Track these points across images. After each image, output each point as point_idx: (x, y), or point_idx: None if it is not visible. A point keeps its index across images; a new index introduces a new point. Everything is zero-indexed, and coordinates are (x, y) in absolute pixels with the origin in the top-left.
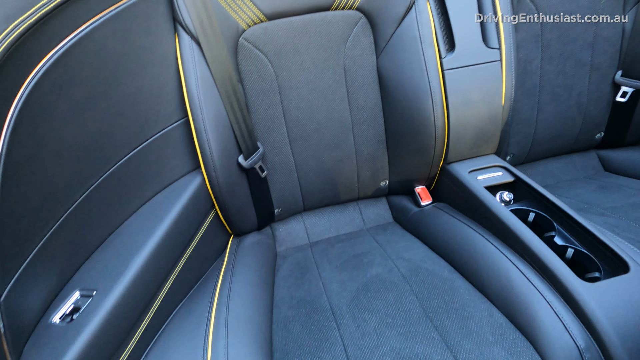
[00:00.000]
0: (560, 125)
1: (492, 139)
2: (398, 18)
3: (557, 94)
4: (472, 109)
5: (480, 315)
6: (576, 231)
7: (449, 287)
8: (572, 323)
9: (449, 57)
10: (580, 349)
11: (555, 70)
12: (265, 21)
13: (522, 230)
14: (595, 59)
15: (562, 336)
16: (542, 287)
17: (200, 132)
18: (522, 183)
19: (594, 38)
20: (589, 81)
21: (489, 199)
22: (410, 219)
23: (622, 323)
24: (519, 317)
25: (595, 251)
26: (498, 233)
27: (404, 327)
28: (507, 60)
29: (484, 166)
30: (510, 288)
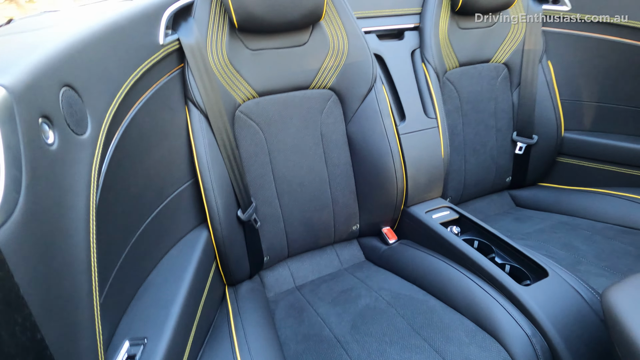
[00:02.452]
0: (481, 173)
1: (438, 186)
2: (362, 96)
3: (476, 150)
4: (422, 163)
5: (455, 324)
6: (509, 251)
7: (426, 306)
8: (520, 318)
9: (402, 125)
10: (529, 336)
11: (473, 132)
12: (257, 97)
13: (474, 254)
14: (498, 124)
15: (515, 329)
16: (496, 295)
17: (209, 191)
18: (465, 219)
19: (495, 109)
20: (496, 139)
21: (445, 233)
22: (382, 256)
23: (551, 311)
24: (484, 320)
25: (524, 265)
26: (456, 258)
27: (400, 342)
28: (442, 126)
29: (435, 207)
30: (473, 299)
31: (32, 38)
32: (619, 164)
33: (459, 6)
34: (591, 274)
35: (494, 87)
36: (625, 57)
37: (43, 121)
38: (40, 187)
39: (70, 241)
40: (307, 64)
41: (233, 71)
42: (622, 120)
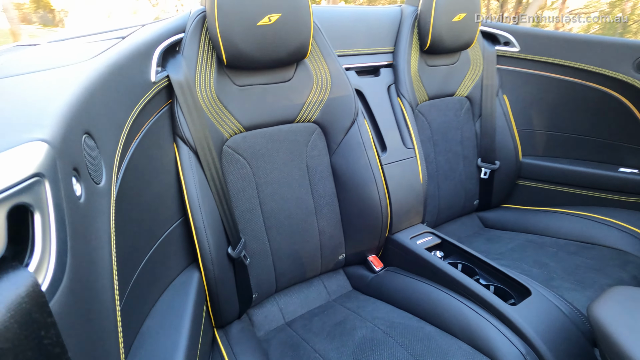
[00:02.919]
0: (452, 197)
1: (419, 212)
2: (345, 128)
3: (447, 176)
4: (404, 191)
5: (453, 349)
6: (491, 272)
7: (422, 333)
8: (513, 337)
9: (384, 155)
10: (524, 354)
11: (444, 160)
12: (244, 131)
13: (462, 277)
14: (465, 151)
15: (510, 348)
16: (487, 316)
17: (200, 229)
18: (447, 243)
19: (462, 137)
20: (464, 166)
21: (432, 258)
22: (370, 284)
23: (540, 328)
24: (479, 342)
25: (506, 284)
26: (444, 282)
27: None
28: (419, 155)
29: (418, 233)
30: (467, 322)
31: (47, 82)
32: (572, 185)
33: (427, 46)
34: (564, 289)
35: (459, 118)
36: (566, 92)
37: (73, 174)
38: (78, 246)
39: (101, 299)
40: (292, 99)
41: (221, 106)
42: (569, 147)
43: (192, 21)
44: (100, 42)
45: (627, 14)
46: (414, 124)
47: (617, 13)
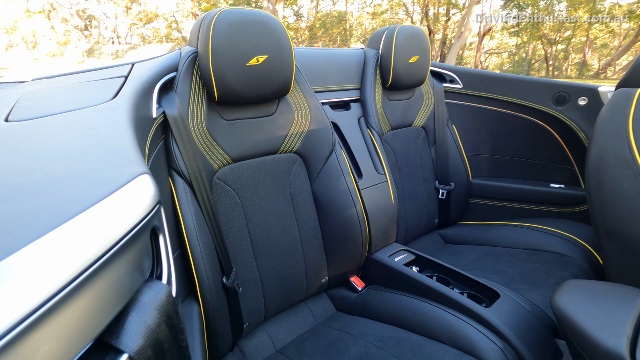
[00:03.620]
0: (416, 217)
1: (393, 231)
2: (324, 158)
3: (411, 197)
4: (380, 212)
5: (442, 354)
6: (463, 281)
7: (411, 343)
8: (492, 336)
9: (360, 181)
10: (502, 349)
11: (408, 183)
12: (232, 163)
13: (440, 287)
14: (424, 175)
15: (490, 345)
16: (466, 319)
17: (199, 260)
18: (421, 258)
19: (421, 163)
20: (424, 188)
21: (410, 272)
22: (354, 304)
23: (512, 325)
24: (463, 344)
25: (477, 290)
26: (424, 293)
27: None
28: (389, 179)
29: (395, 251)
30: (450, 327)
31: (92, 120)
32: (515, 200)
33: (389, 83)
34: (523, 290)
35: (417, 145)
36: (503, 121)
37: None
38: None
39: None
40: (275, 131)
41: (211, 140)
42: (510, 168)
43: (185, 61)
44: (104, 80)
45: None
46: (383, 152)
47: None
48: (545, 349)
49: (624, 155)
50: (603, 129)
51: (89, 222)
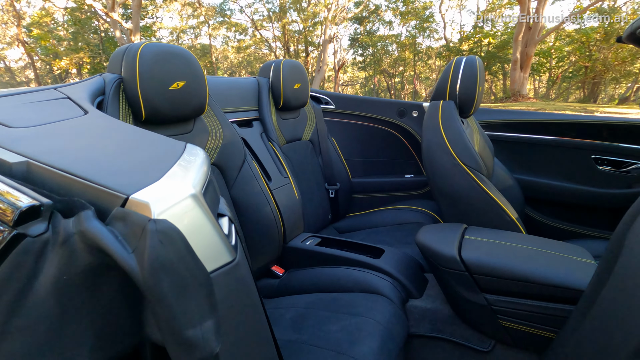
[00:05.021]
0: (315, 214)
1: (301, 222)
2: (238, 166)
3: (309, 198)
4: (289, 208)
5: (355, 298)
6: (359, 248)
7: (331, 297)
8: (383, 276)
9: (270, 183)
10: (392, 283)
11: (305, 186)
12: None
13: (345, 253)
14: (316, 179)
15: (385, 282)
16: (366, 270)
17: None
18: (325, 239)
19: (312, 169)
20: (317, 190)
21: (321, 249)
22: (278, 288)
23: (395, 267)
24: (367, 287)
25: (369, 252)
26: (333, 262)
27: (335, 322)
28: (292, 181)
29: (304, 238)
30: (357, 279)
31: (83, 131)
32: (385, 191)
33: (280, 105)
34: (399, 247)
35: (308, 155)
36: (368, 132)
37: None
38: None
39: None
40: None
41: None
42: (378, 167)
43: (111, 86)
44: (47, 101)
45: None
46: (285, 159)
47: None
48: (417, 279)
49: (439, 142)
50: (427, 128)
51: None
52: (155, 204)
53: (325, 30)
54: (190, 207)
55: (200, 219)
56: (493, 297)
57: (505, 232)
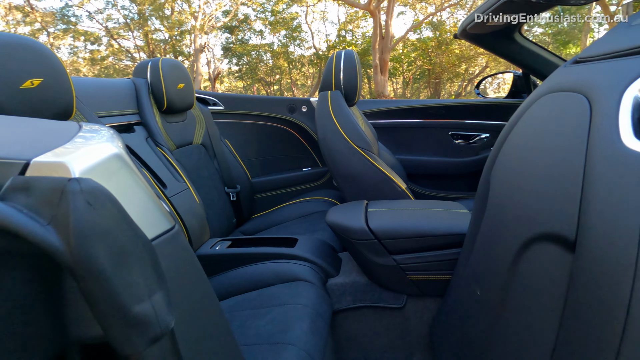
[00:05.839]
0: (218, 220)
1: (206, 228)
2: None
3: (209, 204)
4: (191, 214)
5: (277, 290)
6: (273, 242)
7: (256, 294)
8: (300, 262)
9: (166, 191)
10: (309, 266)
11: (203, 192)
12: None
13: (259, 249)
14: (215, 184)
15: (303, 268)
16: (283, 261)
17: None
18: (236, 240)
19: (209, 174)
20: (217, 195)
21: (234, 251)
22: None
23: (311, 251)
24: (287, 277)
25: (283, 244)
26: (249, 261)
27: (260, 317)
28: (190, 186)
29: (213, 243)
30: (274, 271)
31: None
32: (287, 186)
33: (165, 107)
34: (310, 234)
35: (202, 159)
36: (262, 131)
37: None
38: None
39: None
40: None
41: None
42: (276, 164)
43: None
44: None
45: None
46: (178, 164)
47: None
48: (332, 260)
49: (333, 128)
50: (320, 118)
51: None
52: (73, 163)
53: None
54: (117, 167)
55: (131, 181)
56: (400, 256)
57: (399, 201)
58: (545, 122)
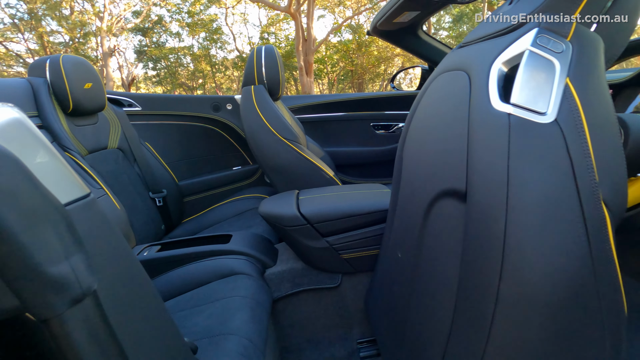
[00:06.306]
0: (144, 228)
1: (131, 235)
2: None
3: (132, 211)
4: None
5: (215, 286)
6: (206, 241)
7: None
8: (236, 256)
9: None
10: (246, 259)
11: (124, 198)
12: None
13: (192, 249)
14: (137, 189)
15: (239, 261)
16: (219, 257)
17: None
18: (166, 244)
19: (129, 179)
20: (141, 201)
21: (165, 254)
22: None
23: (242, 243)
24: (224, 272)
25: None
26: (183, 262)
27: (199, 314)
28: (109, 191)
29: (140, 250)
30: (211, 268)
31: None
32: (218, 187)
33: (70, 109)
34: (247, 229)
35: (120, 165)
36: (187, 131)
37: None
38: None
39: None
40: None
41: None
42: (205, 164)
43: None
44: None
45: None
46: (92, 169)
47: None
48: (269, 251)
49: (259, 122)
50: (245, 113)
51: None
52: None
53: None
54: (19, 131)
55: (37, 146)
56: (332, 238)
57: (328, 187)
58: (440, 96)
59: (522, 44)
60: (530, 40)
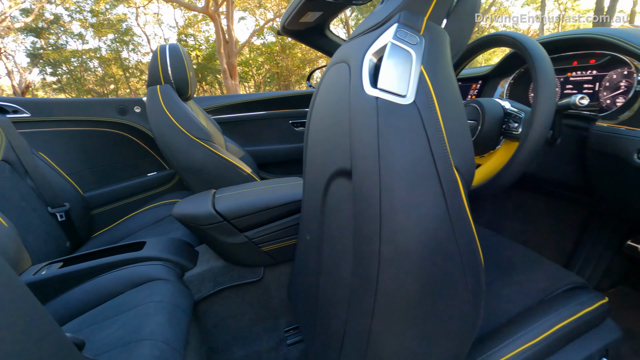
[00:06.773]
0: (44, 247)
1: (23, 254)
2: None
3: (28, 227)
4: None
5: (133, 295)
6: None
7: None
8: (152, 262)
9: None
10: (162, 264)
11: (16, 215)
12: None
13: (104, 260)
14: (31, 205)
15: (155, 267)
16: (133, 265)
17: None
18: (69, 258)
19: (21, 195)
20: (35, 215)
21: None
22: None
23: (161, 250)
24: (139, 280)
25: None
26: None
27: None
28: None
29: (37, 269)
30: (123, 279)
31: None
32: (132, 195)
33: None
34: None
35: (7, 179)
36: (89, 137)
37: None
38: None
39: None
40: None
41: None
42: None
43: None
44: None
45: None
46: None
47: None
48: (187, 253)
49: (168, 123)
50: (152, 114)
51: None
52: None
53: None
54: None
55: None
56: (250, 232)
57: (245, 184)
58: (330, 87)
59: (386, 37)
60: (392, 34)
